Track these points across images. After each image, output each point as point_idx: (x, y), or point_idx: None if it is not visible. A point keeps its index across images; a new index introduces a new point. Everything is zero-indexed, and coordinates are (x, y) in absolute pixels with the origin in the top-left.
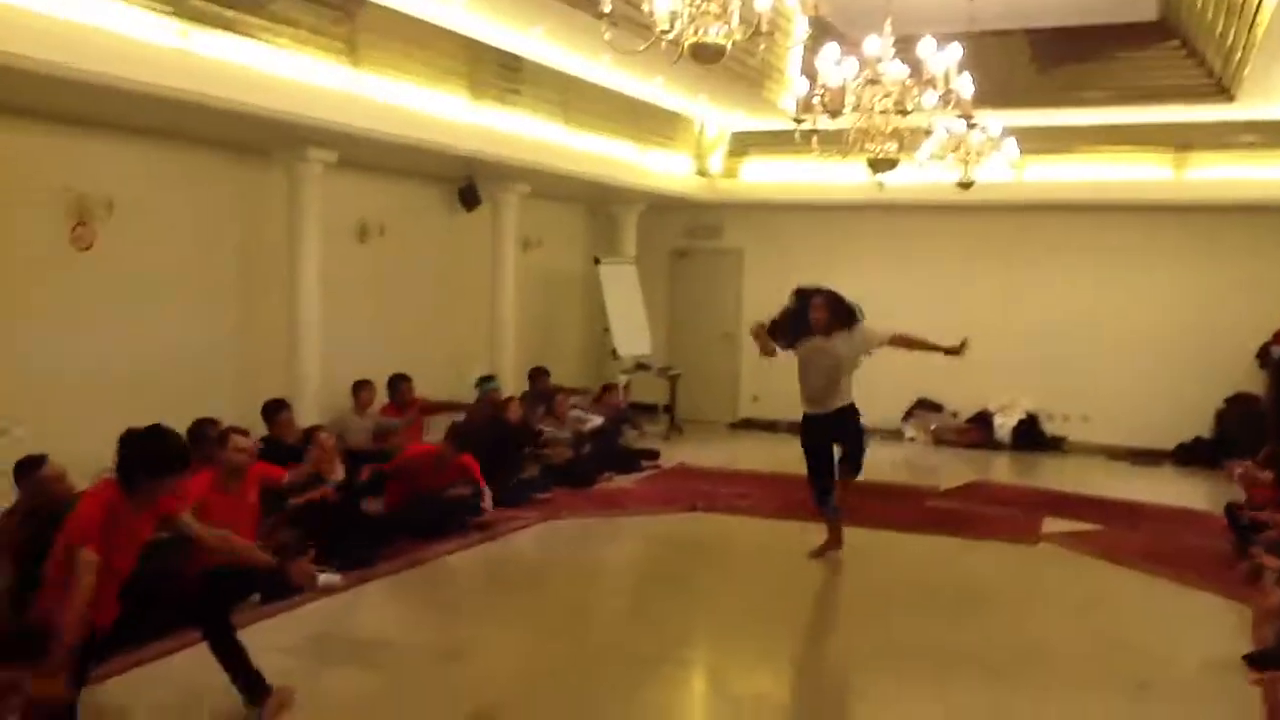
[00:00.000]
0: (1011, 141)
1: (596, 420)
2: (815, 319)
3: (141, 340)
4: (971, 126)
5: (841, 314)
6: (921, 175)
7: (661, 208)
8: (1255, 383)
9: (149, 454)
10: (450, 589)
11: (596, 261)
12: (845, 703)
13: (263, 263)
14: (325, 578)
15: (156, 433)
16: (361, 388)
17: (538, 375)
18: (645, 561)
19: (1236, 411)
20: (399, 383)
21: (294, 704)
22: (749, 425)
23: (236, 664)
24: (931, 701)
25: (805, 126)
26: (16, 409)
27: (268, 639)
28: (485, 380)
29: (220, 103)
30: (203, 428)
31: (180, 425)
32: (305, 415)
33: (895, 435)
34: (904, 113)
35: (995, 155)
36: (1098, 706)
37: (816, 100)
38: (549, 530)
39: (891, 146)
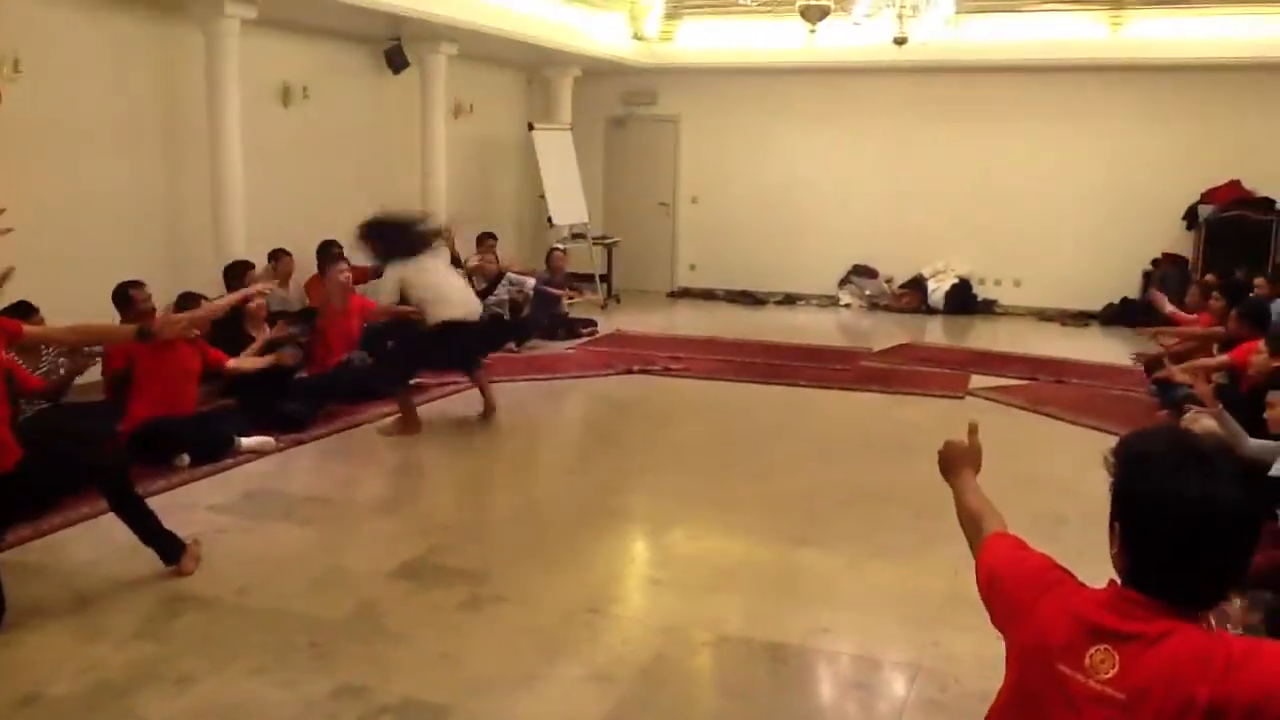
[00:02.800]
0: None
1: (530, 282)
2: None
3: (59, 196)
4: None
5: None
6: (858, 36)
7: (597, 73)
8: (1183, 244)
9: None
10: (384, 449)
11: (531, 128)
12: (774, 539)
13: (184, 124)
14: (258, 440)
15: None
16: (278, 257)
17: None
18: (582, 420)
19: (1162, 273)
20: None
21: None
22: (686, 294)
23: (144, 526)
24: (860, 540)
25: None
26: None
27: (201, 497)
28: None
29: None
30: (127, 289)
31: (109, 280)
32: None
33: (831, 301)
34: None
35: (932, 11)
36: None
37: None
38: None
39: None
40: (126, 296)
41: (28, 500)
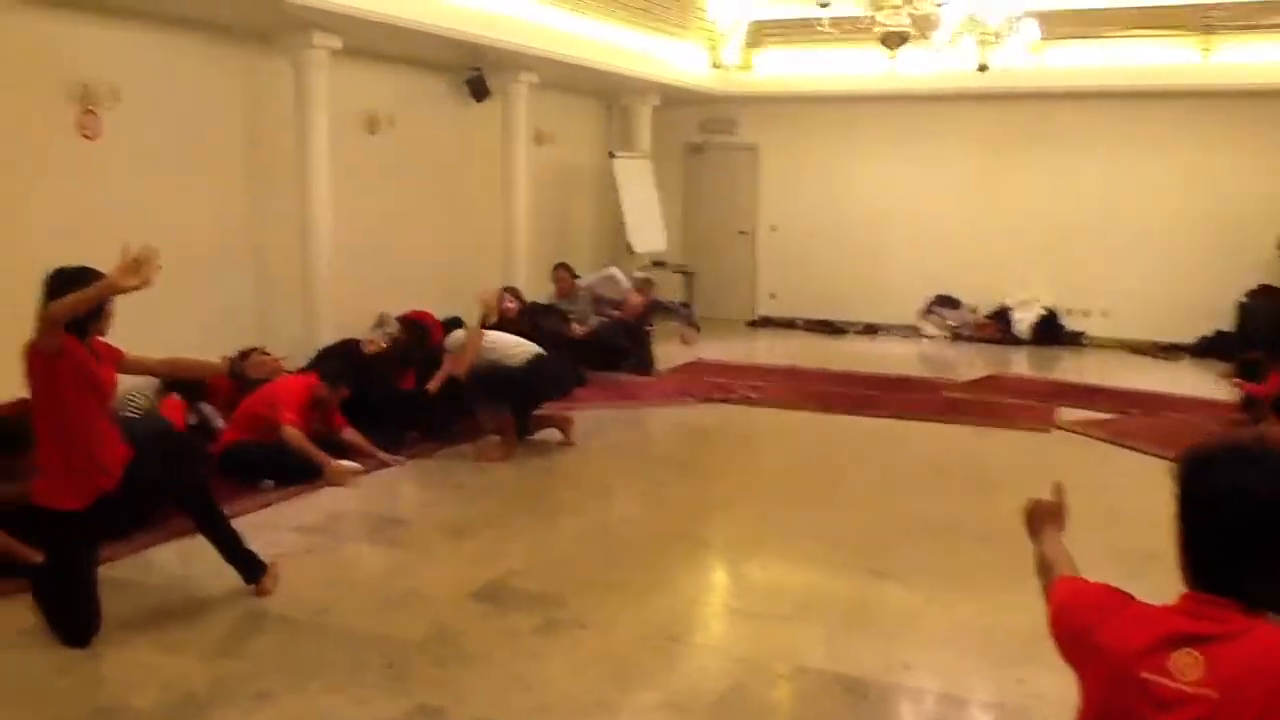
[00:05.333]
0: (1032, 23)
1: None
2: None
3: (150, 230)
4: None
5: None
6: (938, 63)
7: (676, 101)
8: (1277, 274)
9: None
10: (465, 473)
11: (611, 155)
12: (853, 570)
13: (272, 153)
14: (344, 464)
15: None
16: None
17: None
18: (661, 447)
19: (1258, 304)
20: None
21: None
22: (767, 323)
23: (227, 546)
24: (941, 574)
25: (820, 5)
26: (27, 299)
27: (286, 518)
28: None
29: None
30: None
31: (199, 310)
32: (316, 304)
33: (913, 331)
34: None
35: (1014, 38)
36: (1094, 575)
37: None
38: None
39: (903, 19)
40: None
41: (124, 517)
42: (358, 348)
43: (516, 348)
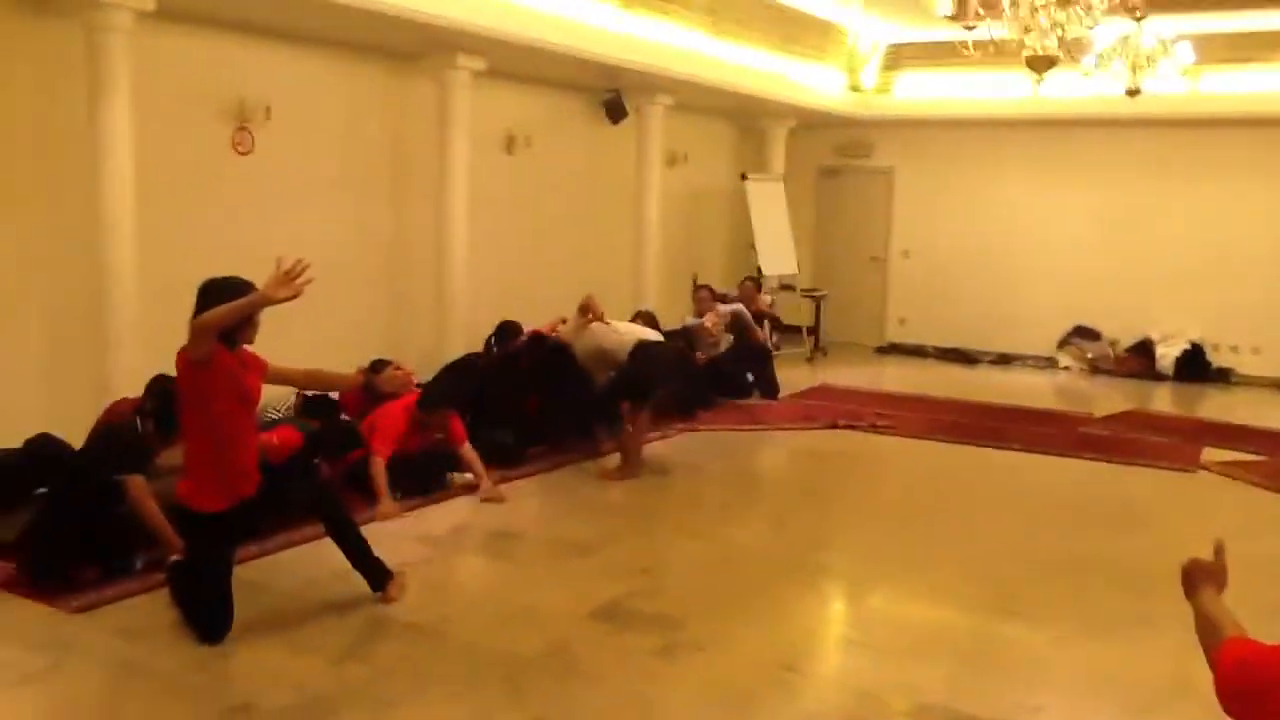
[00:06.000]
0: (1185, 46)
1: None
2: None
3: (295, 242)
4: (1139, 19)
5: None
6: (1085, 86)
7: (811, 124)
8: None
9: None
10: (587, 490)
11: (743, 177)
12: (978, 607)
13: (412, 171)
14: (469, 476)
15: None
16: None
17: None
18: (785, 472)
19: None
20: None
21: (407, 585)
22: (895, 349)
23: (356, 552)
24: (1072, 616)
25: (965, 29)
26: (174, 306)
27: (411, 528)
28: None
29: (378, 5)
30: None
31: (333, 322)
32: (448, 319)
33: (1049, 362)
34: (1066, 3)
35: (1166, 62)
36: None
37: None
38: (688, 440)
39: (1051, 41)
40: None
41: (260, 521)
42: (476, 361)
43: (626, 334)
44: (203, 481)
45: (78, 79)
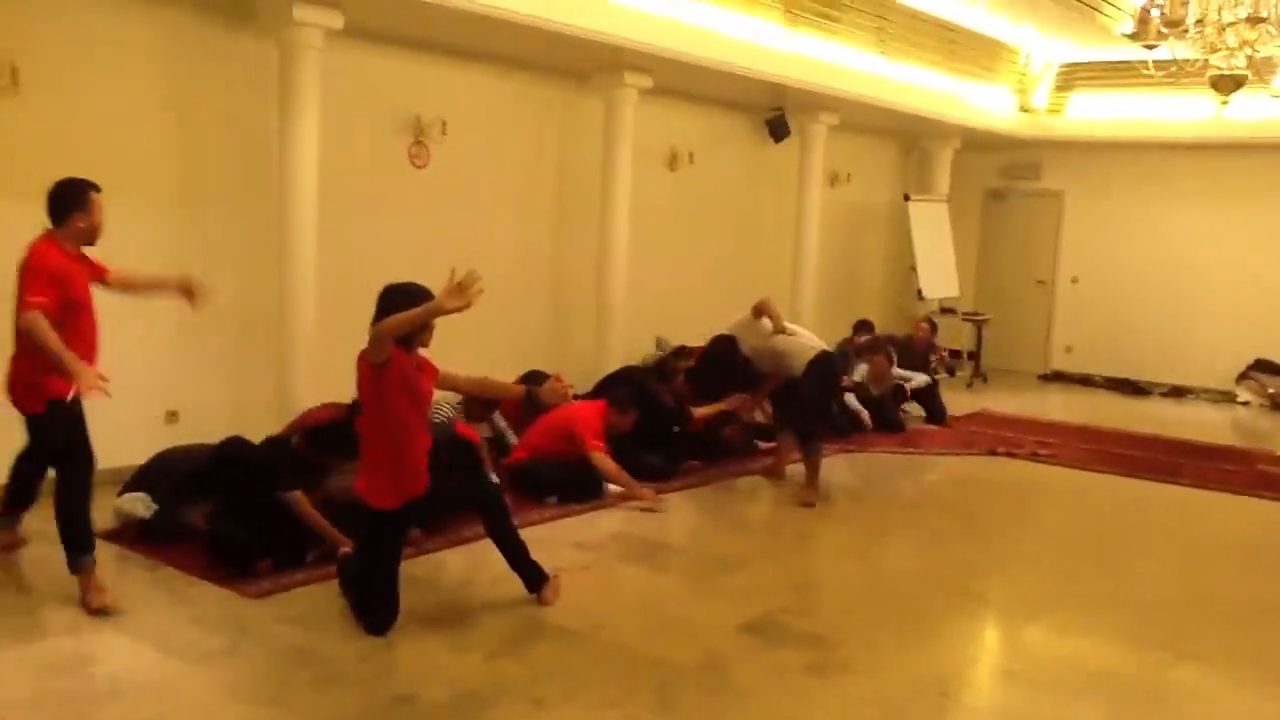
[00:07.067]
0: None
1: (921, 379)
2: None
3: (465, 254)
4: None
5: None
6: (1272, 108)
7: (977, 145)
8: None
9: None
10: (741, 505)
11: (906, 198)
12: (1146, 646)
13: (577, 185)
14: (614, 487)
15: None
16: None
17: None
18: (942, 497)
19: None
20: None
21: (562, 589)
22: (1060, 378)
23: (514, 554)
24: (1248, 661)
25: (1146, 48)
26: (350, 310)
27: (568, 534)
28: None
29: (552, 24)
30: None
31: (498, 333)
32: (608, 333)
33: (1226, 397)
34: (1257, 20)
35: None
36: None
37: (1156, 13)
38: (847, 462)
39: (1238, 61)
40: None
41: (429, 519)
42: (639, 374)
43: (805, 349)
44: (377, 479)
45: (269, 91)
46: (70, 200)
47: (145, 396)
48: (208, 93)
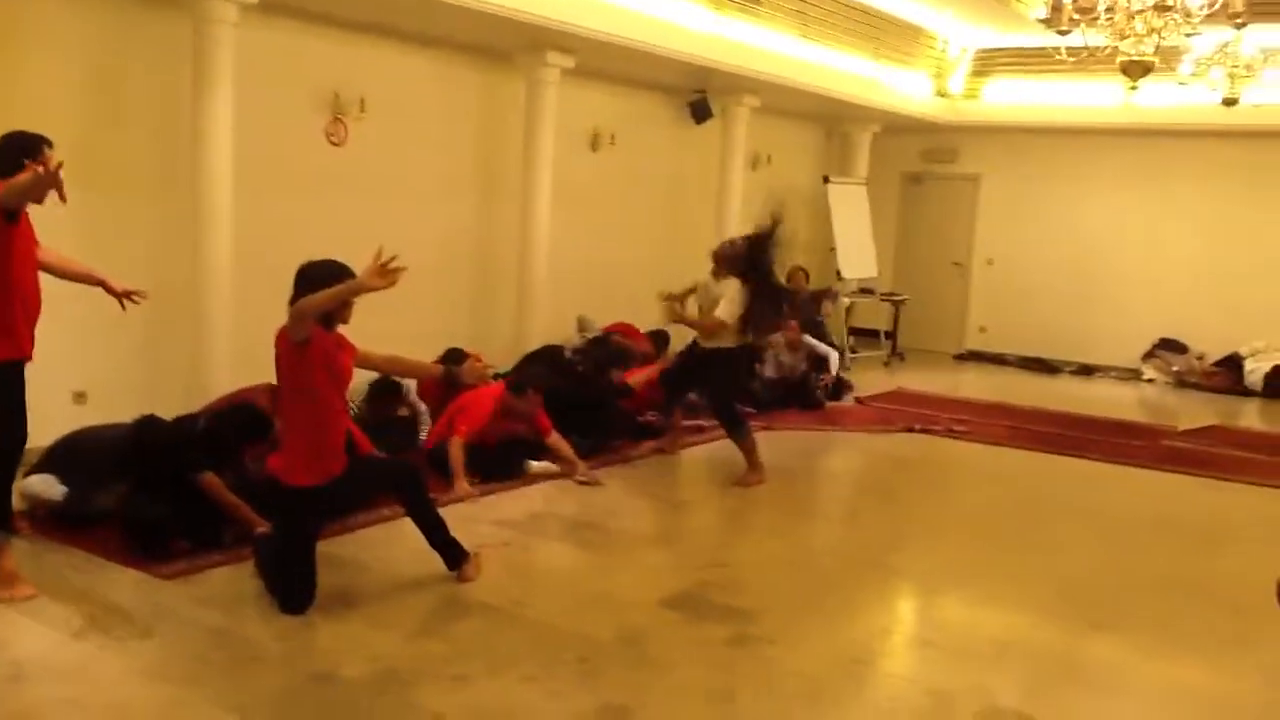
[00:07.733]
0: None
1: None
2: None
3: (385, 232)
4: (1240, 27)
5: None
6: (1180, 95)
7: (897, 129)
8: None
9: None
10: (658, 483)
11: (826, 180)
12: (1058, 617)
13: (498, 167)
14: (544, 465)
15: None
16: None
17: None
18: (860, 474)
19: None
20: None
21: (483, 566)
22: (975, 357)
23: (433, 532)
24: (1156, 631)
25: (1059, 34)
26: (266, 289)
27: (488, 512)
28: None
29: (473, 2)
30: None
31: (419, 312)
32: (529, 312)
33: (1133, 374)
34: (1164, 9)
35: (1268, 71)
36: None
37: (1068, 0)
38: (764, 439)
39: (1147, 47)
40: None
41: (346, 500)
42: (559, 353)
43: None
44: (295, 458)
45: (184, 69)
46: (24, 151)
47: (50, 376)
48: (122, 70)
